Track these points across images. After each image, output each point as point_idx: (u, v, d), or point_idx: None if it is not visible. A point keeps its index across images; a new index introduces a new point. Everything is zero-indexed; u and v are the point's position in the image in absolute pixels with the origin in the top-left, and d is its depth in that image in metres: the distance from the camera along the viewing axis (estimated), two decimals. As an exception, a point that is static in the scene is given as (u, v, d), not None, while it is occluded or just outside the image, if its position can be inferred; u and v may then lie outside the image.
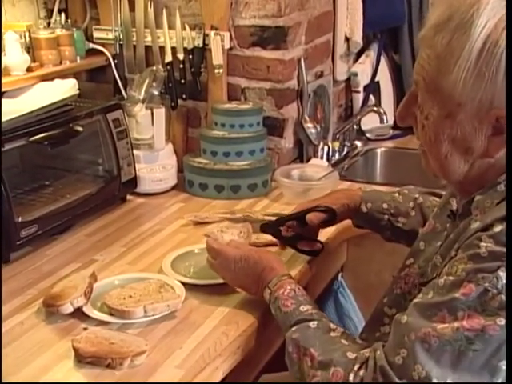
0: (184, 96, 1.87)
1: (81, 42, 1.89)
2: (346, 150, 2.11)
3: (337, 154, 2.07)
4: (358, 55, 2.30)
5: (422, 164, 1.04)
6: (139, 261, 1.40)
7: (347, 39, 2.18)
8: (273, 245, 1.40)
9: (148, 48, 1.89)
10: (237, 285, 1.22)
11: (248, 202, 1.72)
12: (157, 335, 1.11)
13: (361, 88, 2.28)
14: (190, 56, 1.83)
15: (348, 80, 2.28)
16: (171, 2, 1.87)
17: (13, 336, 1.12)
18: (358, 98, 2.29)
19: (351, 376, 0.90)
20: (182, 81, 1.86)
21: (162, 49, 1.87)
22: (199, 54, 1.82)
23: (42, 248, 1.45)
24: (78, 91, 1.61)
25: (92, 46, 1.93)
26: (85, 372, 1.02)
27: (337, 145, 2.06)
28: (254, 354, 1.18)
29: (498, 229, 0.84)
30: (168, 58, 1.85)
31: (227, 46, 1.81)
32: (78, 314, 1.16)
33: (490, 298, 0.81)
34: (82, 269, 1.34)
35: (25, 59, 1.66)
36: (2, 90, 1.52)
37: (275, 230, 1.35)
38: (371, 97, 2.31)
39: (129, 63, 1.92)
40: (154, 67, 1.80)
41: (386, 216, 1.32)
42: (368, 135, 2.28)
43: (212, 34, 1.78)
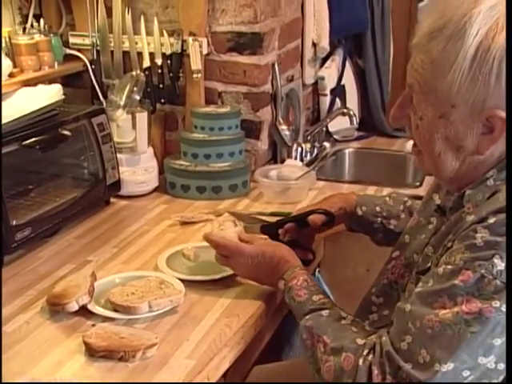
0: (163, 100, 1.92)
1: (58, 47, 1.91)
2: (316, 151, 2.19)
3: (308, 155, 2.15)
4: (324, 60, 2.39)
5: (416, 164, 1.11)
6: (133, 260, 1.44)
7: (314, 45, 2.27)
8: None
9: (125, 54, 1.93)
10: (251, 278, 1.28)
11: (229, 202, 1.78)
12: (162, 329, 1.16)
13: (328, 91, 2.37)
14: (169, 61, 1.88)
15: (315, 84, 2.37)
16: (148, 8, 1.91)
17: (21, 335, 1.15)
18: (325, 101, 2.38)
19: (361, 360, 0.96)
20: (161, 85, 1.91)
21: (139, 54, 1.91)
22: (178, 60, 1.87)
23: (34, 251, 1.48)
24: (64, 96, 1.64)
25: (69, 51, 1.96)
26: (98, 365, 1.06)
27: (308, 146, 2.14)
28: (252, 344, 1.24)
29: (492, 220, 0.91)
30: (146, 63, 1.89)
31: (205, 52, 1.87)
32: (83, 311, 1.20)
33: (486, 284, 0.88)
34: (77, 269, 1.37)
35: (7, 65, 1.68)
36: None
37: (274, 233, 1.38)
38: (337, 99, 2.41)
39: (106, 69, 1.96)
40: (134, 72, 1.84)
41: (379, 219, 1.38)
42: (335, 137, 2.38)
43: (190, 39, 1.83)
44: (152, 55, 1.89)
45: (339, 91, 2.40)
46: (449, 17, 0.94)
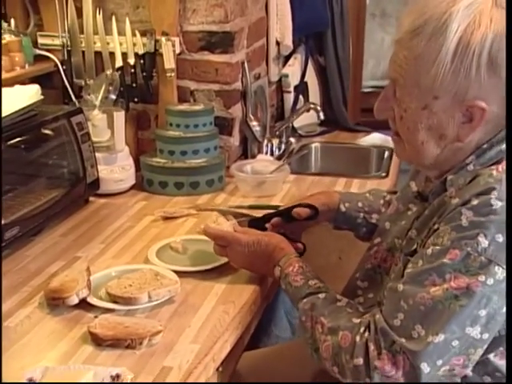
0: (136, 99, 1.95)
1: (29, 48, 1.92)
2: (283, 147, 2.27)
3: (277, 150, 2.22)
4: (287, 58, 2.47)
5: (395, 151, 1.19)
6: (122, 255, 1.47)
7: (278, 43, 2.34)
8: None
9: (97, 54, 1.96)
10: (248, 267, 1.33)
11: (207, 196, 1.83)
12: (163, 318, 1.20)
13: (291, 88, 2.45)
14: (142, 61, 1.91)
15: (279, 81, 2.45)
16: (119, 9, 1.94)
17: (24, 329, 1.17)
18: (289, 97, 2.46)
19: (357, 337, 1.03)
20: (134, 85, 1.94)
21: (111, 54, 1.94)
22: (151, 59, 1.91)
23: (20, 249, 1.49)
24: (42, 97, 1.65)
25: (39, 52, 1.96)
26: (107, 353, 1.09)
27: (276, 141, 2.20)
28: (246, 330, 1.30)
29: (475, 202, 0.99)
30: (118, 63, 1.92)
31: (177, 51, 1.91)
32: (82, 305, 1.23)
33: (472, 260, 0.96)
34: (67, 266, 1.39)
35: (-18, 66, 1.69)
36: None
37: (262, 227, 1.43)
38: (300, 96, 2.49)
39: (77, 69, 1.97)
40: (109, 72, 1.87)
41: (362, 214, 1.45)
42: (300, 132, 2.46)
43: (163, 39, 1.87)
44: (124, 55, 1.92)
45: (302, 88, 2.48)
46: (429, 15, 1.02)
